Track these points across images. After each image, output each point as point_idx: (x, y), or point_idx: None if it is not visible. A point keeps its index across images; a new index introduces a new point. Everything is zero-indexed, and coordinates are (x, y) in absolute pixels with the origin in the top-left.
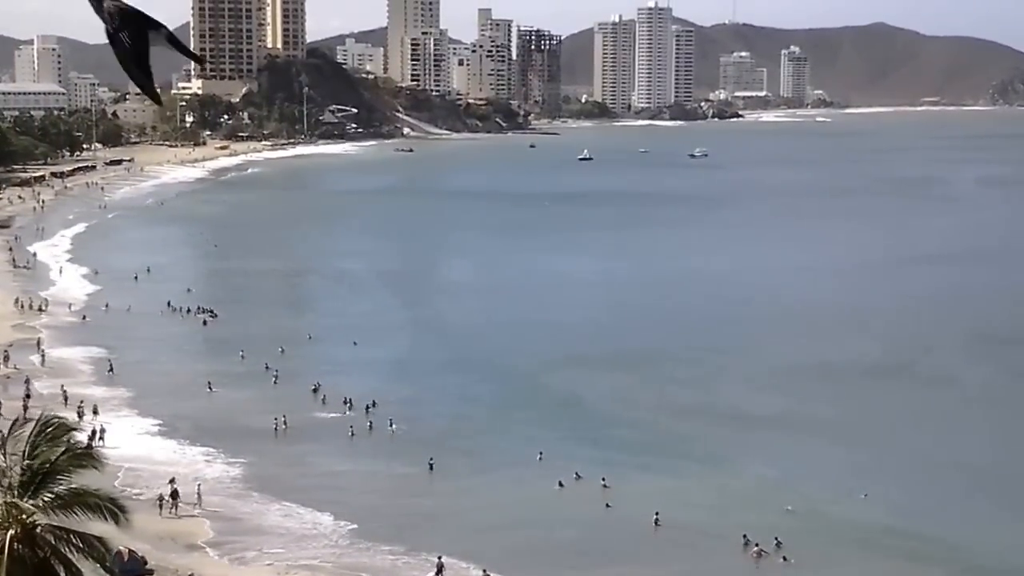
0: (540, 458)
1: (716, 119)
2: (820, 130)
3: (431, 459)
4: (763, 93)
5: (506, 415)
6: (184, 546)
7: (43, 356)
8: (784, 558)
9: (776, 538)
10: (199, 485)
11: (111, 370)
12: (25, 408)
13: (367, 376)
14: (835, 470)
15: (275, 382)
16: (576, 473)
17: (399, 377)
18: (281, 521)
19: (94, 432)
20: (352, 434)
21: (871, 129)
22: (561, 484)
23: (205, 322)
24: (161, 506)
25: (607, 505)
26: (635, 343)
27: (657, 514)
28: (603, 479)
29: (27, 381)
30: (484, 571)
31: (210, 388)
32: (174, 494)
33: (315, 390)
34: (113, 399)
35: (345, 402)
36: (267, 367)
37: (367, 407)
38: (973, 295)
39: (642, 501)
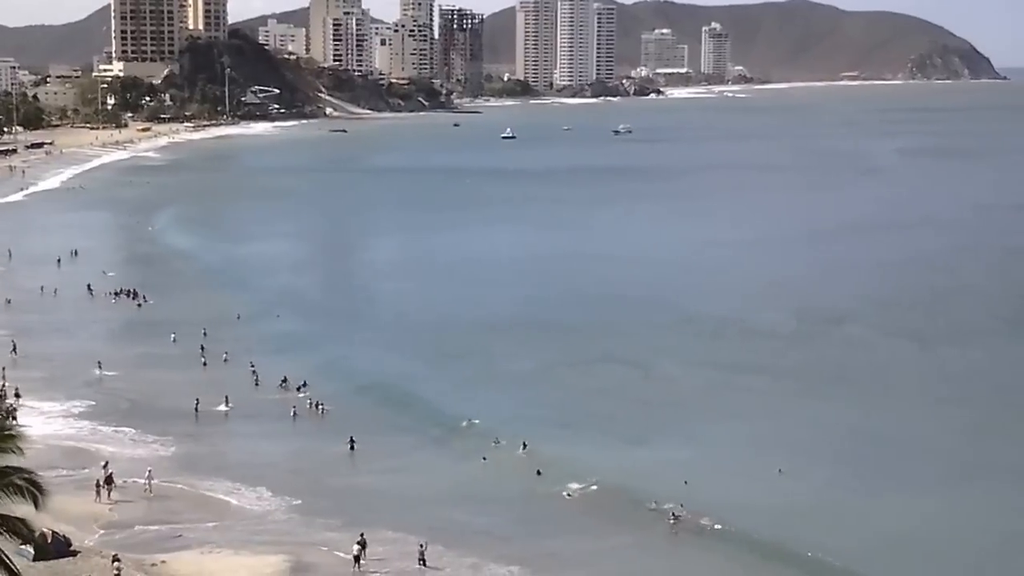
0: (467, 424)
1: (638, 96)
2: (739, 106)
3: (352, 438)
4: (684, 70)
5: (430, 388)
6: (114, 528)
7: None
8: (717, 525)
9: (680, 504)
10: (150, 470)
11: (14, 350)
12: None
13: (295, 354)
14: (754, 444)
15: (204, 364)
16: (496, 439)
17: (326, 353)
18: (213, 501)
19: (8, 412)
20: (294, 415)
21: (789, 104)
22: (484, 459)
23: (140, 304)
24: (98, 491)
25: (538, 472)
26: (560, 317)
27: (570, 488)
28: (524, 443)
29: None
30: (421, 545)
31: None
32: (108, 479)
33: (254, 371)
34: (36, 381)
35: (282, 383)
36: (202, 349)
37: (298, 387)
38: (893, 263)
39: (562, 470)
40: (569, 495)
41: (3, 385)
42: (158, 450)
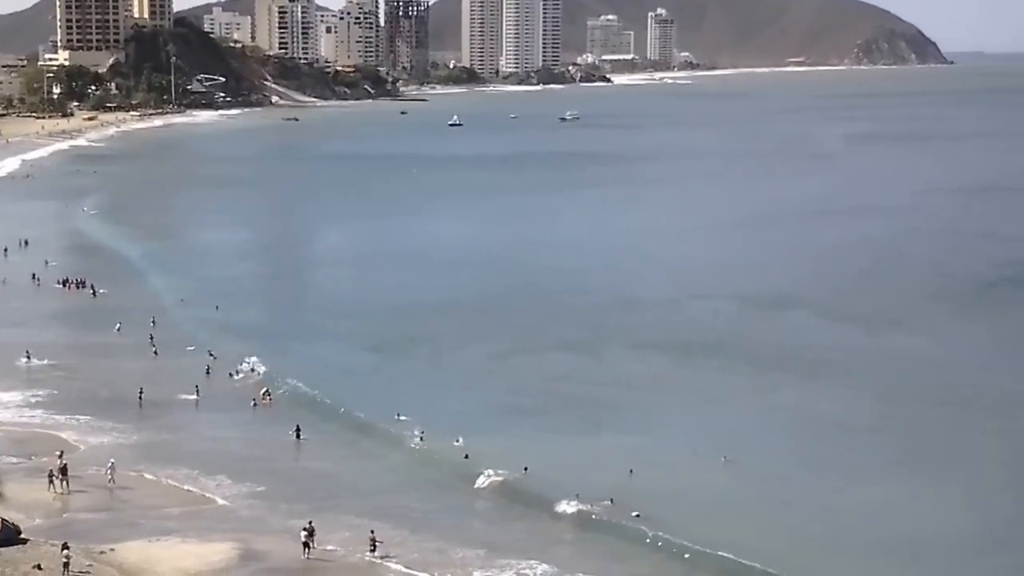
0: (398, 417)
1: (584, 83)
2: (685, 92)
3: (298, 427)
4: (630, 56)
5: (370, 378)
6: (65, 517)
7: None
8: (636, 514)
9: (610, 499)
10: (112, 461)
11: None
12: None
13: (240, 342)
14: (701, 432)
15: (155, 353)
16: (423, 431)
17: (268, 342)
18: (169, 489)
19: None
20: (254, 404)
21: (734, 90)
22: (414, 445)
23: (94, 294)
24: (51, 481)
25: (466, 456)
26: (506, 304)
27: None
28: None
29: None
30: (372, 532)
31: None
32: (63, 469)
33: (213, 358)
34: None
35: (234, 373)
36: (151, 338)
37: (247, 375)
38: (837, 249)
39: (497, 460)
40: (484, 485)
41: None
42: (117, 439)
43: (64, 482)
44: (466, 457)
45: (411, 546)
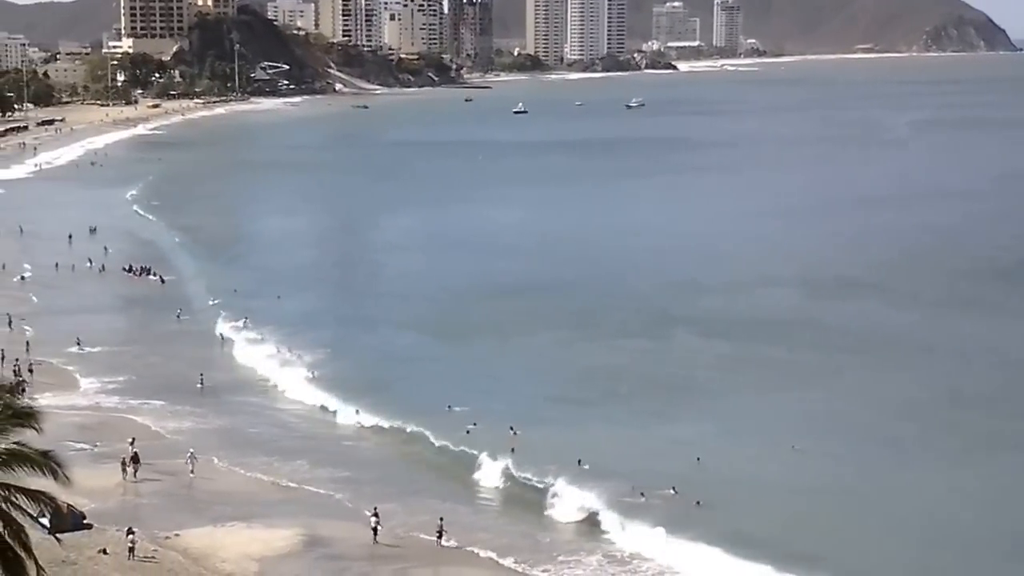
0: (451, 408)
1: (649, 70)
2: (752, 79)
3: (357, 410)
4: (696, 43)
5: (432, 366)
6: (133, 503)
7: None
8: (698, 502)
9: (673, 488)
10: (191, 451)
11: (9, 325)
12: None
13: (304, 329)
14: (769, 420)
15: (222, 339)
16: (473, 423)
17: (322, 330)
18: (237, 476)
19: (19, 387)
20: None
21: (801, 77)
22: (468, 431)
23: (162, 280)
24: (124, 468)
25: (512, 450)
26: (574, 292)
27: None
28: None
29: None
30: (441, 519)
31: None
32: (135, 457)
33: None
34: (61, 356)
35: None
36: (215, 325)
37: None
38: (908, 235)
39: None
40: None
41: (16, 362)
42: (186, 425)
43: (136, 470)
44: (512, 450)
45: (473, 534)
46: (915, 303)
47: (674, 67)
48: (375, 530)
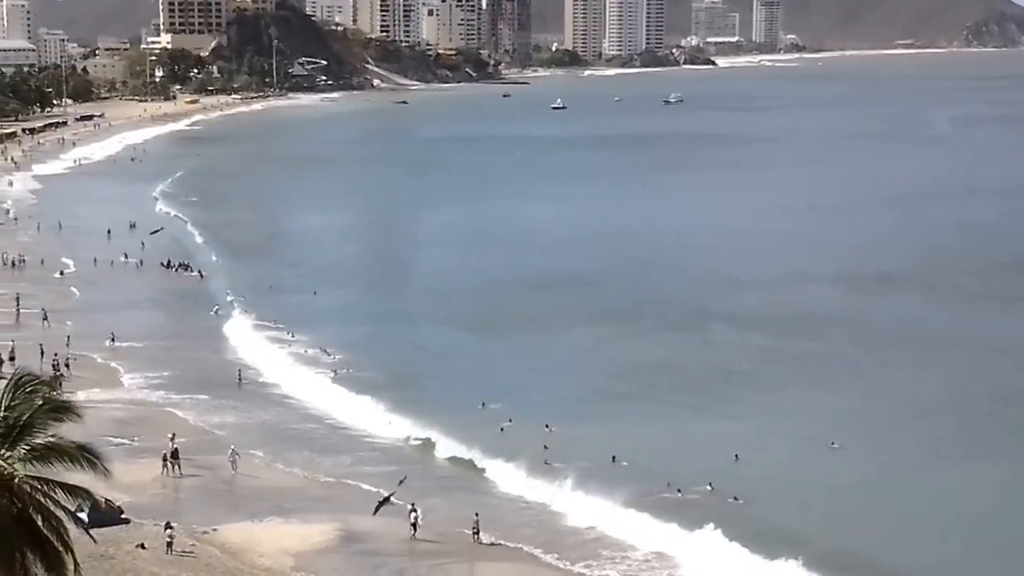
0: (485, 405)
1: (688, 65)
2: (792, 74)
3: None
4: (735, 39)
5: (468, 361)
6: (173, 498)
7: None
8: (735, 498)
9: (710, 484)
10: (232, 447)
11: (45, 319)
12: (12, 359)
13: (336, 324)
14: (808, 417)
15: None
16: (508, 419)
17: (358, 326)
18: (274, 471)
19: (57, 380)
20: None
21: (842, 72)
22: (503, 428)
23: (201, 275)
24: (164, 463)
25: (545, 447)
26: (612, 288)
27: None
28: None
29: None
30: (476, 514)
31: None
32: (175, 453)
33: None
34: (104, 351)
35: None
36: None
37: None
38: (949, 231)
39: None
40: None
41: (55, 356)
42: (225, 420)
43: (176, 466)
44: (545, 447)
45: (511, 530)
46: (955, 299)
47: (713, 63)
48: (414, 525)
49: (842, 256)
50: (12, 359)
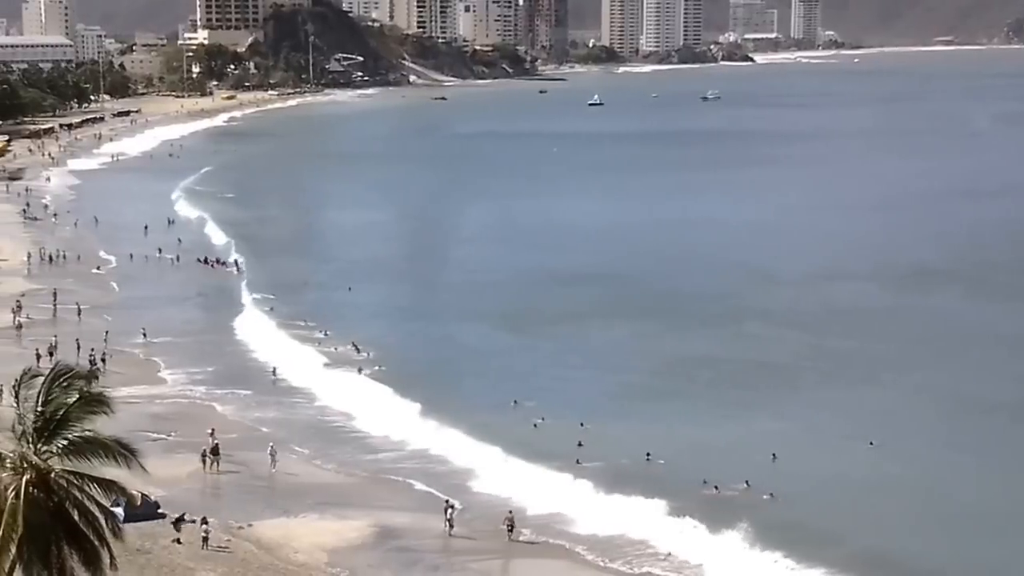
0: (517, 402)
1: (725, 62)
2: (826, 71)
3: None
4: (773, 35)
5: (502, 359)
6: (209, 493)
7: (56, 307)
8: (771, 494)
9: (746, 482)
10: (272, 445)
11: (77, 313)
12: (51, 355)
13: (370, 321)
14: (845, 415)
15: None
16: (541, 417)
17: (392, 322)
18: (309, 467)
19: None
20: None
21: (881, 69)
22: (536, 425)
23: (238, 269)
24: (204, 460)
25: (579, 444)
26: (647, 284)
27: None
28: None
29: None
30: (510, 512)
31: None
32: (215, 449)
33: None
34: (138, 346)
35: (360, 348)
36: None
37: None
38: (989, 229)
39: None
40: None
41: (92, 351)
42: (270, 416)
43: (216, 462)
44: (579, 445)
45: (547, 526)
46: (996, 296)
47: (751, 59)
48: (450, 522)
49: (881, 253)
50: (51, 354)
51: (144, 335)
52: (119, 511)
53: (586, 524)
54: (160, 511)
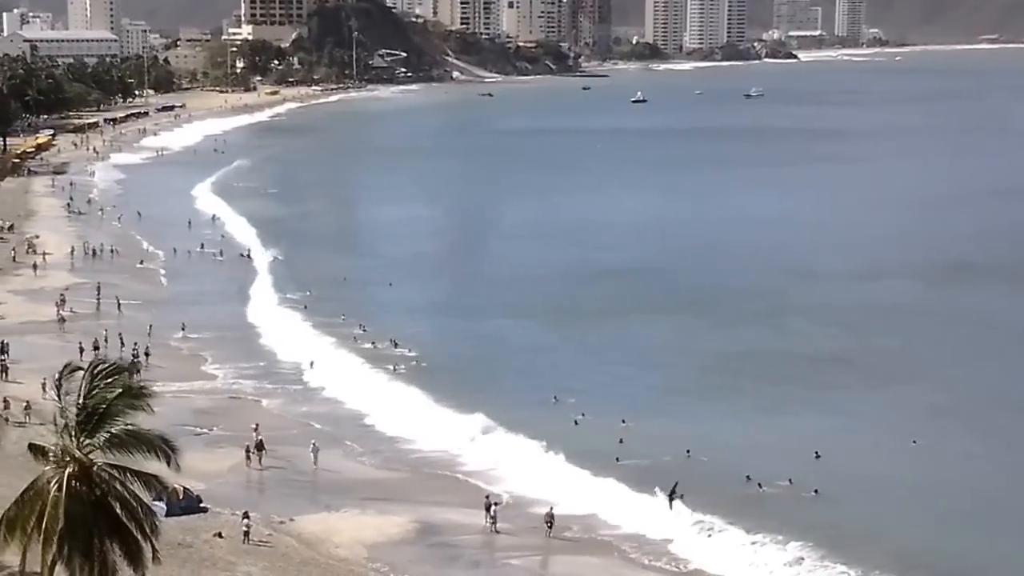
0: (557, 399)
1: (769, 59)
2: (870, 68)
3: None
4: (817, 32)
5: (544, 356)
6: (251, 487)
7: (99, 301)
8: (815, 491)
9: (789, 479)
10: (314, 442)
11: (120, 307)
12: (96, 349)
13: (410, 317)
14: (889, 414)
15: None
16: (582, 413)
17: (433, 318)
18: (349, 462)
19: (134, 365)
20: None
21: (924, 67)
22: (576, 422)
23: (279, 264)
24: (248, 455)
25: (620, 441)
26: (687, 280)
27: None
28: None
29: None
30: (550, 508)
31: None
32: (260, 444)
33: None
34: (182, 341)
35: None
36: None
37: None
38: None
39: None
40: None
41: (135, 345)
42: (312, 411)
43: (260, 457)
44: (620, 442)
45: (587, 523)
46: None
47: (795, 56)
48: (493, 518)
49: (924, 250)
50: (96, 348)
51: (183, 329)
52: (161, 505)
53: (627, 521)
54: (202, 505)
